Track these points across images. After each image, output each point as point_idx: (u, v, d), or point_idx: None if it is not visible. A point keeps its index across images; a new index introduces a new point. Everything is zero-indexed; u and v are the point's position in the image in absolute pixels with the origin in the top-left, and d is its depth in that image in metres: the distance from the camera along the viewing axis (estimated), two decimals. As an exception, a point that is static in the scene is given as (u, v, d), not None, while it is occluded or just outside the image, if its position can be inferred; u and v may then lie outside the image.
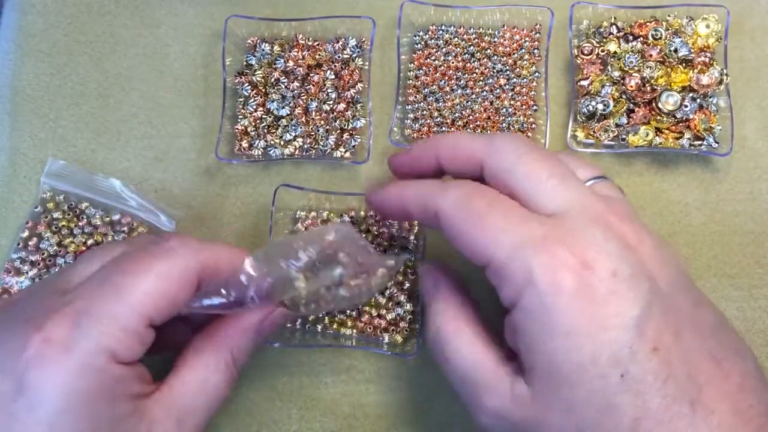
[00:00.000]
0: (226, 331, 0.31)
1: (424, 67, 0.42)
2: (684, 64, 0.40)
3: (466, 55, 0.42)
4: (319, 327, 0.38)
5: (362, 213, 0.40)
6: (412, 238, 0.39)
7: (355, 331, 0.38)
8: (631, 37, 0.41)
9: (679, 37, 0.40)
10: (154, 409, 0.28)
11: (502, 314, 0.29)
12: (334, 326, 0.38)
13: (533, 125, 0.41)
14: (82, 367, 0.26)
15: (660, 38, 0.41)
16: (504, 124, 0.41)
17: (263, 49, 0.42)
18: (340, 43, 0.42)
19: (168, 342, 0.31)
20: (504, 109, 0.41)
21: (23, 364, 0.26)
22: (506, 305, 0.28)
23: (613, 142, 0.40)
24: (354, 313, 0.39)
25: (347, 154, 0.41)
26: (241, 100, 0.42)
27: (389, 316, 0.38)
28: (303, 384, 0.39)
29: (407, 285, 0.39)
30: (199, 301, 0.29)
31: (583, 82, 0.40)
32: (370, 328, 0.38)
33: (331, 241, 0.31)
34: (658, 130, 0.40)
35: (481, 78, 0.42)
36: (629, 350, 0.25)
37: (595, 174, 0.32)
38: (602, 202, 0.29)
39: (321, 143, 0.41)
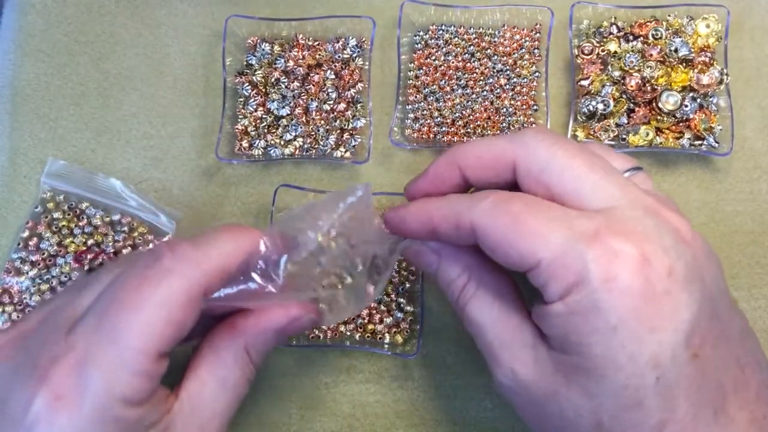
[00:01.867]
0: (246, 327, 0.29)
1: (424, 67, 0.42)
2: (684, 64, 0.40)
3: (467, 55, 0.42)
4: (322, 326, 0.38)
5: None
6: None
7: (355, 331, 0.38)
8: (631, 37, 0.41)
9: (680, 37, 0.40)
10: (175, 423, 0.27)
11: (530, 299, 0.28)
12: (333, 325, 0.38)
13: (533, 125, 0.41)
14: (94, 421, 0.24)
15: (660, 38, 0.41)
16: (504, 124, 0.41)
17: (263, 49, 0.42)
18: (340, 43, 0.42)
19: (188, 334, 0.30)
20: (504, 109, 0.41)
21: (31, 420, 0.24)
22: (547, 300, 0.26)
23: (613, 142, 0.40)
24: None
25: (347, 154, 0.41)
26: (241, 100, 0.42)
27: (390, 318, 0.38)
28: (303, 384, 0.39)
29: (407, 286, 0.39)
30: (219, 292, 0.27)
31: (583, 82, 0.40)
32: (370, 328, 0.38)
33: (350, 205, 0.29)
34: (659, 130, 0.40)
35: (482, 78, 0.41)
36: (671, 354, 0.24)
37: (632, 165, 0.30)
38: (650, 194, 0.28)
39: (321, 143, 0.41)
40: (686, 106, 0.39)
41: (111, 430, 0.25)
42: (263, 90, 0.42)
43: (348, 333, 0.38)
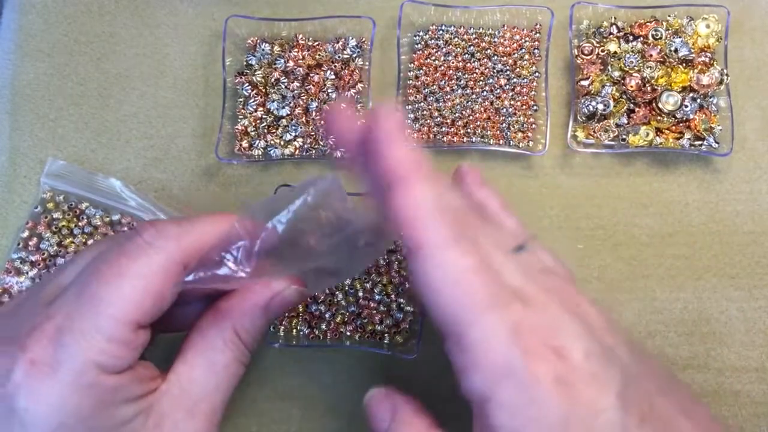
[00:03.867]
0: (231, 308, 0.30)
1: (424, 67, 0.42)
2: (684, 64, 0.40)
3: (466, 55, 0.42)
4: (322, 326, 0.38)
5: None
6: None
7: (355, 331, 0.38)
8: (631, 37, 0.41)
9: (680, 37, 0.40)
10: (162, 403, 0.28)
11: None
12: (333, 325, 0.38)
13: (533, 125, 0.41)
14: (71, 386, 0.25)
15: (660, 38, 0.41)
16: (504, 124, 0.41)
17: (263, 49, 0.42)
18: (340, 43, 0.42)
19: (180, 321, 0.30)
20: (504, 109, 0.41)
21: (12, 387, 0.25)
22: (473, 394, 0.25)
23: (613, 142, 0.40)
24: (354, 312, 0.39)
25: (347, 154, 0.41)
26: (241, 100, 0.42)
27: (390, 318, 0.38)
28: (303, 384, 0.39)
29: (407, 286, 0.39)
30: (193, 275, 0.27)
31: (583, 82, 0.40)
32: (370, 329, 0.38)
33: (315, 194, 0.30)
34: (659, 130, 0.40)
35: (481, 78, 0.41)
36: (621, 428, 0.24)
37: (526, 238, 0.30)
38: (553, 277, 0.28)
39: (321, 143, 0.41)
40: (686, 106, 0.39)
41: (87, 395, 0.25)
42: (263, 90, 0.42)
43: (348, 333, 0.38)
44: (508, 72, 0.41)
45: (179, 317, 0.30)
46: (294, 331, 0.38)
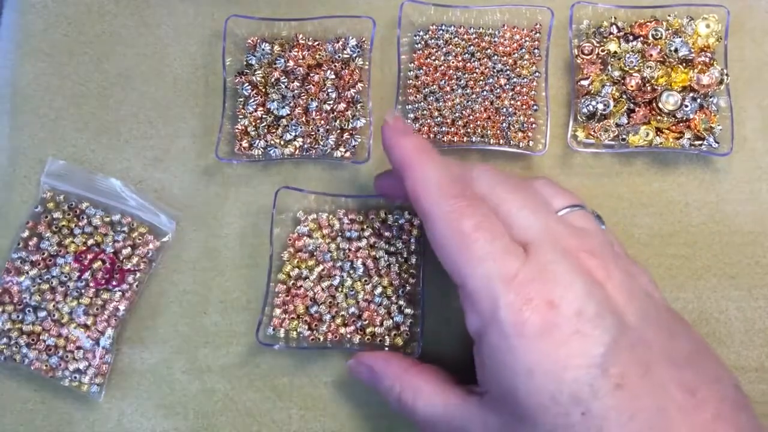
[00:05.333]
0: None
1: (424, 67, 0.42)
2: (684, 64, 0.40)
3: (466, 55, 0.42)
4: (322, 328, 0.38)
5: (360, 217, 0.40)
6: (412, 240, 0.39)
7: (355, 333, 0.38)
8: (631, 37, 0.41)
9: (680, 37, 0.40)
10: None
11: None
12: (334, 327, 0.38)
13: (533, 125, 0.41)
14: None
15: (660, 38, 0.41)
16: (504, 124, 0.41)
17: (263, 49, 0.42)
18: (340, 43, 0.42)
19: None
20: (504, 109, 0.41)
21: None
22: (471, 332, 0.29)
23: (613, 142, 0.40)
24: (355, 314, 0.38)
25: (347, 154, 0.41)
26: (241, 100, 0.42)
27: (390, 320, 0.38)
28: (303, 384, 0.39)
29: (408, 288, 0.39)
30: None
31: (583, 82, 0.40)
32: (370, 331, 0.38)
33: None
34: (659, 130, 0.40)
35: (482, 78, 0.41)
36: (590, 388, 0.25)
37: (570, 203, 0.32)
38: (574, 234, 0.30)
39: (321, 143, 0.41)
40: (686, 106, 0.39)
41: None
42: (263, 90, 0.42)
43: (348, 335, 0.38)
44: (508, 72, 0.41)
45: None
46: (294, 333, 0.38)
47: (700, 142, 0.40)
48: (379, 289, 0.38)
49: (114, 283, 0.40)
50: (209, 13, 0.44)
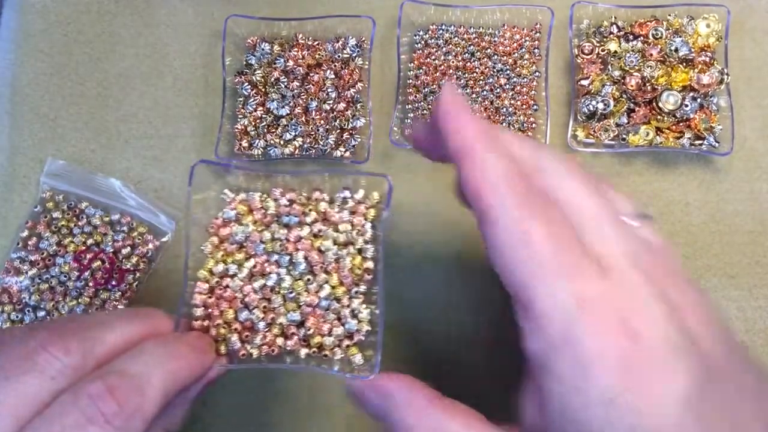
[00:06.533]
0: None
1: (424, 67, 0.42)
2: (684, 64, 0.40)
3: (467, 55, 0.42)
4: (256, 340, 0.29)
5: (302, 197, 0.31)
6: (367, 226, 0.30)
7: (300, 345, 0.29)
8: (631, 37, 0.41)
9: (680, 37, 0.40)
10: None
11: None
12: (270, 338, 0.29)
13: (533, 125, 0.41)
14: None
15: (660, 38, 0.41)
16: (504, 124, 0.41)
17: (263, 49, 0.42)
18: (340, 42, 0.42)
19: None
20: (504, 109, 0.41)
21: None
22: (529, 355, 0.25)
23: (613, 142, 0.40)
24: (296, 321, 0.30)
25: (347, 154, 0.41)
26: (240, 99, 0.42)
27: (340, 329, 0.29)
28: (303, 384, 0.39)
29: (362, 288, 0.30)
30: None
31: (583, 82, 0.40)
32: (316, 341, 0.29)
33: None
34: (659, 130, 0.40)
35: (482, 77, 0.41)
36: (673, 422, 0.23)
37: (639, 211, 0.29)
38: (650, 253, 0.27)
39: (321, 143, 0.41)
40: (686, 105, 0.39)
41: None
42: (263, 90, 0.42)
43: (288, 348, 0.29)
44: (508, 71, 0.41)
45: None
46: (222, 347, 0.29)
47: (700, 142, 0.40)
48: (327, 290, 0.29)
49: (113, 282, 0.40)
50: (209, 13, 0.44)
